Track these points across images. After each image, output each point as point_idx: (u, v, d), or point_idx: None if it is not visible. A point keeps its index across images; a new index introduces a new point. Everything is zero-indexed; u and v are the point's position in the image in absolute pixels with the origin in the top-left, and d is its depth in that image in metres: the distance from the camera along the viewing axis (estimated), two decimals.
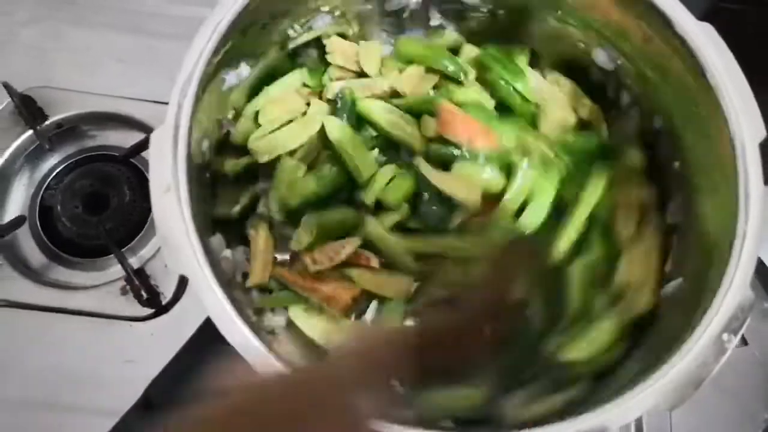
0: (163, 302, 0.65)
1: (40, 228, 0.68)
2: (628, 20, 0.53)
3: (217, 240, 0.51)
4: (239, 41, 0.50)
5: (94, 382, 0.61)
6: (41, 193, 0.70)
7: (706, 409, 0.61)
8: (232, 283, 0.53)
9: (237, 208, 0.58)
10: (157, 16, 0.76)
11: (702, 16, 0.49)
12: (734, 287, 0.44)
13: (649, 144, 0.58)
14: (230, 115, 0.55)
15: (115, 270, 0.67)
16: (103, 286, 0.66)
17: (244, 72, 0.53)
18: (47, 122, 0.71)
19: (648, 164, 0.58)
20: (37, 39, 0.75)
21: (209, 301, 0.40)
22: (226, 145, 0.56)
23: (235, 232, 0.58)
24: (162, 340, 0.62)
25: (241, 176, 0.58)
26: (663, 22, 0.49)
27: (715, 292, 0.44)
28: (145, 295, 0.64)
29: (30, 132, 0.70)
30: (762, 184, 0.46)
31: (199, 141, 0.48)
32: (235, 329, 0.41)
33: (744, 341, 0.64)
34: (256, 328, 0.41)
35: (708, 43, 0.48)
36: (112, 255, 0.66)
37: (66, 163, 0.71)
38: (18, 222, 0.67)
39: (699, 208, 0.52)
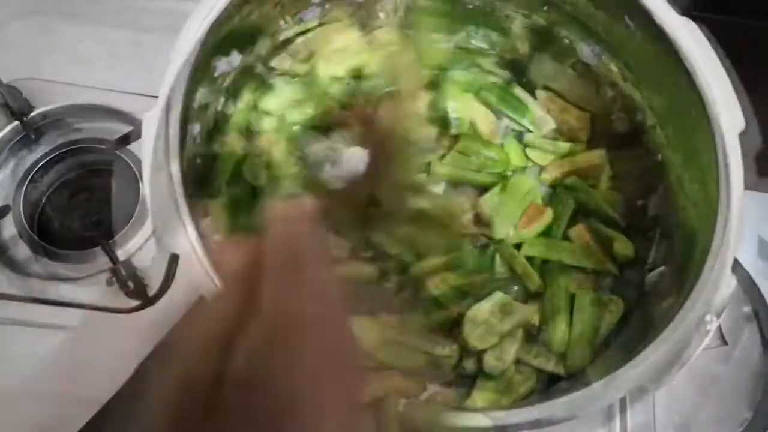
0: (150, 294, 0.65)
1: (24, 219, 0.68)
2: (611, 13, 0.54)
3: (208, 222, 0.51)
4: (231, 28, 0.50)
5: (78, 373, 0.60)
6: (26, 184, 0.69)
7: (687, 409, 0.62)
8: None
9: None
10: (147, 10, 0.76)
11: None
12: (716, 273, 0.45)
13: (632, 137, 0.60)
14: (220, 103, 0.55)
15: (101, 262, 0.66)
16: (89, 277, 0.65)
17: (235, 60, 0.54)
18: (33, 113, 0.70)
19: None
20: (25, 31, 0.75)
21: (200, 279, 0.40)
22: (216, 132, 0.56)
23: None
24: (148, 332, 0.62)
25: None
26: (644, 14, 0.50)
27: (698, 279, 0.45)
28: (131, 286, 0.64)
29: (16, 123, 0.69)
30: (741, 171, 0.47)
31: (190, 125, 0.48)
32: None
33: (724, 341, 0.65)
34: None
35: (688, 36, 0.49)
36: (98, 247, 0.65)
37: (52, 155, 0.70)
38: (2, 212, 0.67)
39: (681, 199, 0.53)
